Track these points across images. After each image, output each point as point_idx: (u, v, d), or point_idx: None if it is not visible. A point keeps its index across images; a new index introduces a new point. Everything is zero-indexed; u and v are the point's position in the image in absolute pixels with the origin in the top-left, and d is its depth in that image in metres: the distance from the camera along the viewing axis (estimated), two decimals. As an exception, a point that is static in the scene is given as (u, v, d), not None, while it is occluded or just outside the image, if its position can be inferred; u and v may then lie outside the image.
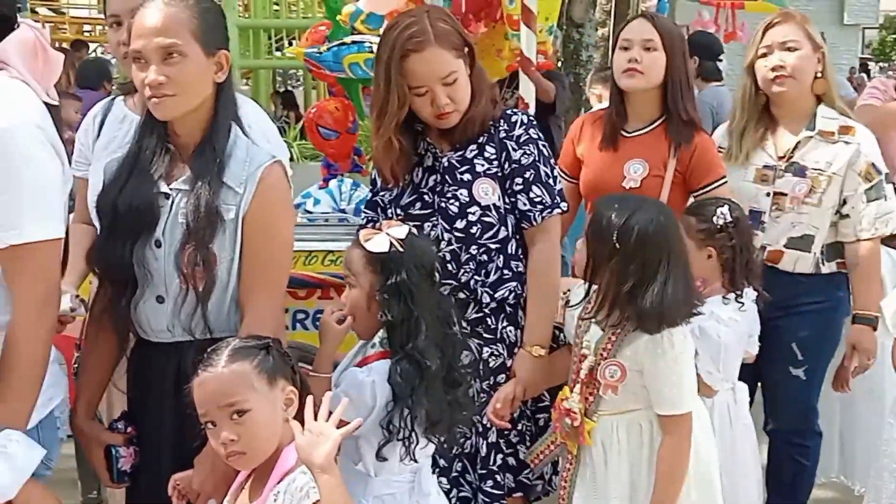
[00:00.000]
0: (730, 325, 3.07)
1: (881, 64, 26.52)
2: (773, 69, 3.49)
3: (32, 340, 2.26)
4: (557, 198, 3.02)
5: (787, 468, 3.72)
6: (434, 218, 2.96)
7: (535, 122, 3.08)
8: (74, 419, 2.56)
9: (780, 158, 3.53)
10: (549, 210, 2.99)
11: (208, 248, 2.39)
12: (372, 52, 4.45)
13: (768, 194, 3.54)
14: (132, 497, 2.63)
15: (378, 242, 2.52)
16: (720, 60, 7.14)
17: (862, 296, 3.53)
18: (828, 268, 3.57)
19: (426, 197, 3.00)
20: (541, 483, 3.12)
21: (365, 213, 3.16)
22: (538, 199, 2.98)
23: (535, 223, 2.98)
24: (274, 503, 2.14)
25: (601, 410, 2.74)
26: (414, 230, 2.61)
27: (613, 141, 3.45)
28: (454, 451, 2.88)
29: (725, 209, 3.18)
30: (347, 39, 4.60)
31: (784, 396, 3.64)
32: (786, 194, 3.52)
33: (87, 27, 18.37)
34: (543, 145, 3.04)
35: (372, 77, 3.02)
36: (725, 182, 3.40)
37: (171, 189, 2.46)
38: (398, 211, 3.02)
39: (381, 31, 3.03)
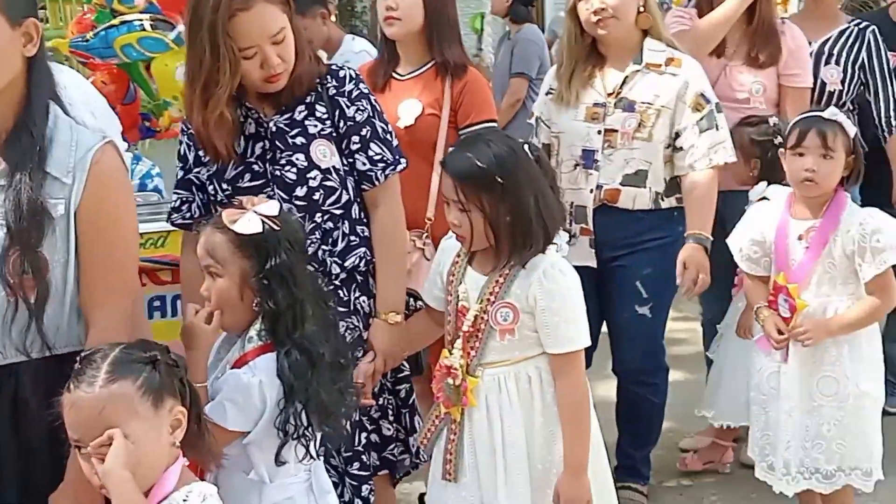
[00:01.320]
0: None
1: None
2: (594, 13, 3.39)
3: None
4: (397, 154, 2.83)
5: (638, 407, 3.69)
6: (268, 188, 2.70)
7: (361, 77, 2.87)
8: None
9: (610, 95, 3.46)
10: (393, 167, 2.81)
11: (36, 251, 2.03)
12: (144, 29, 4.13)
13: (599, 132, 3.46)
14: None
15: (249, 223, 2.23)
16: (532, 5, 7.12)
17: (695, 220, 3.45)
18: (667, 203, 3.52)
19: (255, 167, 2.72)
20: (407, 457, 2.94)
21: (176, 193, 2.85)
22: (378, 157, 2.78)
23: (377, 182, 2.79)
24: None
25: (486, 362, 2.57)
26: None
27: (384, 84, 3.41)
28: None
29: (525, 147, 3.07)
30: (115, 21, 4.23)
31: (631, 336, 3.59)
32: (616, 130, 3.45)
33: None
34: (375, 100, 2.84)
35: (187, 46, 2.69)
36: (494, 127, 3.34)
37: None
38: (224, 186, 2.74)
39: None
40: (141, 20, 4.18)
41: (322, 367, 2.23)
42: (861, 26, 4.18)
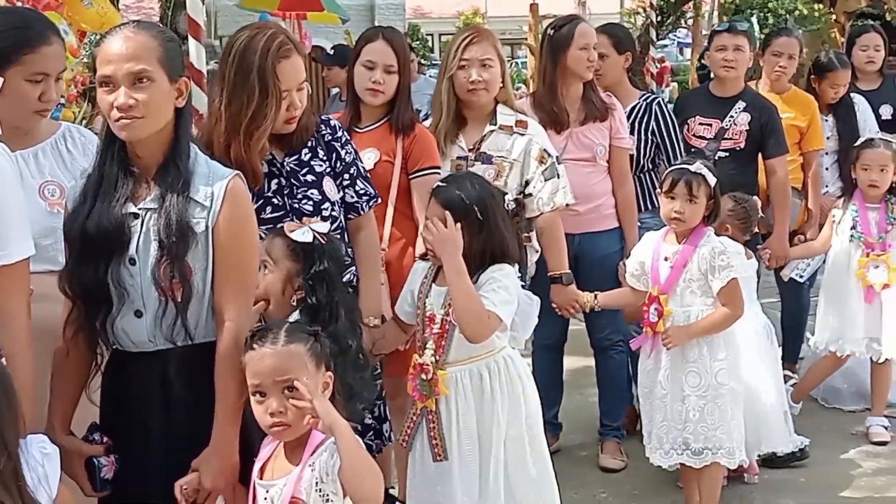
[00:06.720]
0: None
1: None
2: (472, 82, 4.12)
3: (30, 357, 2.40)
4: (374, 189, 3.51)
5: None
6: (287, 218, 3.24)
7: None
8: (51, 435, 2.55)
9: (470, 150, 4.21)
10: (375, 199, 3.49)
11: (183, 261, 2.55)
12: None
13: None
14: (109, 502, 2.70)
15: (303, 233, 2.85)
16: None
17: (551, 260, 4.30)
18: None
19: (275, 200, 3.30)
20: (378, 442, 3.57)
21: None
22: (363, 192, 3.45)
23: (363, 212, 3.45)
24: (311, 471, 2.44)
25: (449, 361, 3.23)
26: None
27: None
28: None
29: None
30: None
31: None
32: None
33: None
34: (353, 145, 3.51)
35: (231, 87, 3.19)
36: (438, 173, 3.87)
37: (139, 209, 2.58)
38: None
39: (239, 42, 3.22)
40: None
41: (349, 357, 2.76)
42: (648, 100, 5.11)
